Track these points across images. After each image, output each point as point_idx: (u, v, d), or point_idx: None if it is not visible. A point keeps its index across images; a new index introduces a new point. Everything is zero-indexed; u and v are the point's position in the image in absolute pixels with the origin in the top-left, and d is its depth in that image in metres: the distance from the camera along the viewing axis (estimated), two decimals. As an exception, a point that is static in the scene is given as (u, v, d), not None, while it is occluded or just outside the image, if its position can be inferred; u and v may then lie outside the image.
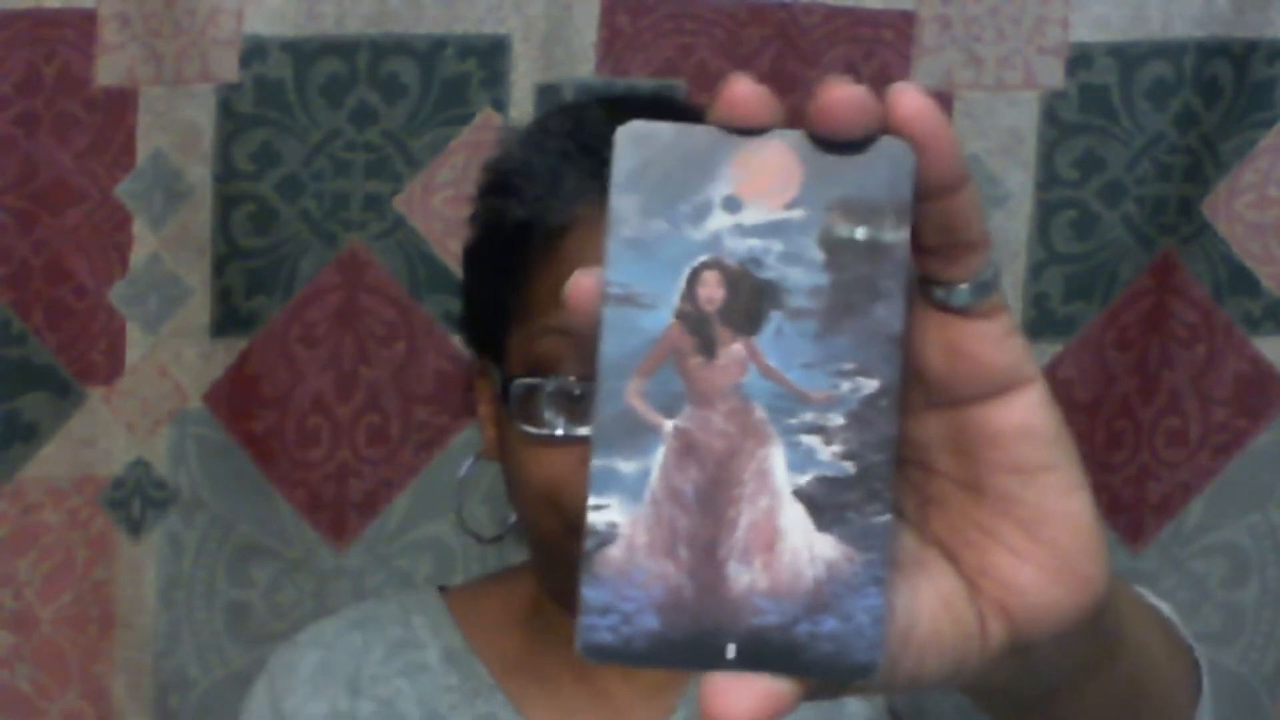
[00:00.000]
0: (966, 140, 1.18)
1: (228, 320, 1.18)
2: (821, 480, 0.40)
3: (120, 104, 1.17)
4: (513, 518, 0.97)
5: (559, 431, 0.88)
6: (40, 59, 1.16)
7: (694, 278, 0.41)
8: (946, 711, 0.84)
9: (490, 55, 1.17)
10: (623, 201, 0.41)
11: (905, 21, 1.18)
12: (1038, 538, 0.44)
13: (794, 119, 0.42)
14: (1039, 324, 1.20)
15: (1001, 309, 0.43)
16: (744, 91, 0.41)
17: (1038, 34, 1.18)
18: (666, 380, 0.41)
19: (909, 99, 0.40)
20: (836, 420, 0.40)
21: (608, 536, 0.40)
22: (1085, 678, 0.52)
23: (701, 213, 0.41)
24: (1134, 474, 1.20)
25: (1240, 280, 1.19)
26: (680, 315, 0.41)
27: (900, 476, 0.45)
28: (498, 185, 0.93)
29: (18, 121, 1.16)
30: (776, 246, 0.41)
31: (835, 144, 0.41)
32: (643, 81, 1.17)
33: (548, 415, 0.88)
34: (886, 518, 0.40)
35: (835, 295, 0.40)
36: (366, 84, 1.17)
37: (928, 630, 0.43)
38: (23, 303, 1.17)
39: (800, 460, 0.40)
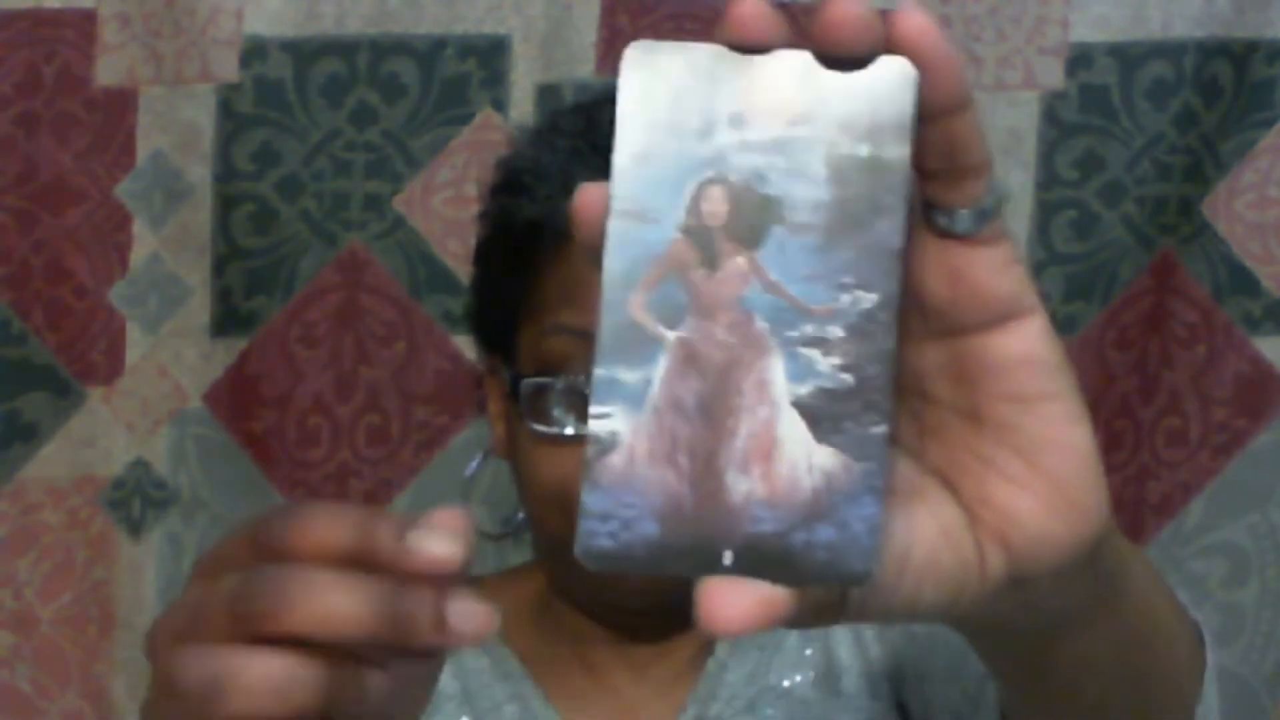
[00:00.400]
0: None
1: (228, 320, 1.18)
2: (820, 391, 0.41)
3: (120, 104, 1.17)
4: (519, 516, 0.97)
5: (569, 430, 0.88)
6: (40, 59, 1.16)
7: (698, 193, 0.41)
8: (954, 699, 0.84)
9: (490, 55, 1.17)
10: (629, 118, 0.42)
11: (905, 21, 1.18)
12: (1037, 466, 0.44)
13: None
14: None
15: (1003, 237, 0.43)
16: (750, 10, 0.41)
17: (1038, 34, 1.18)
18: (670, 293, 0.41)
19: (912, 19, 0.41)
20: (836, 333, 0.41)
21: (609, 444, 0.41)
22: (1085, 622, 0.52)
23: (707, 129, 0.41)
24: (1134, 474, 1.20)
25: (1240, 280, 1.19)
26: (684, 229, 0.41)
27: (900, 405, 0.46)
28: (509, 183, 0.93)
29: (18, 121, 1.16)
30: (780, 163, 0.41)
31: (839, 63, 0.41)
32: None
33: (557, 414, 0.88)
34: (884, 429, 0.41)
35: (837, 211, 0.41)
36: (366, 84, 1.17)
37: (925, 557, 0.43)
38: (23, 303, 1.17)
39: (800, 371, 0.41)
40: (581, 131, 0.91)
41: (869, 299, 0.41)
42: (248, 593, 0.46)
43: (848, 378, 0.41)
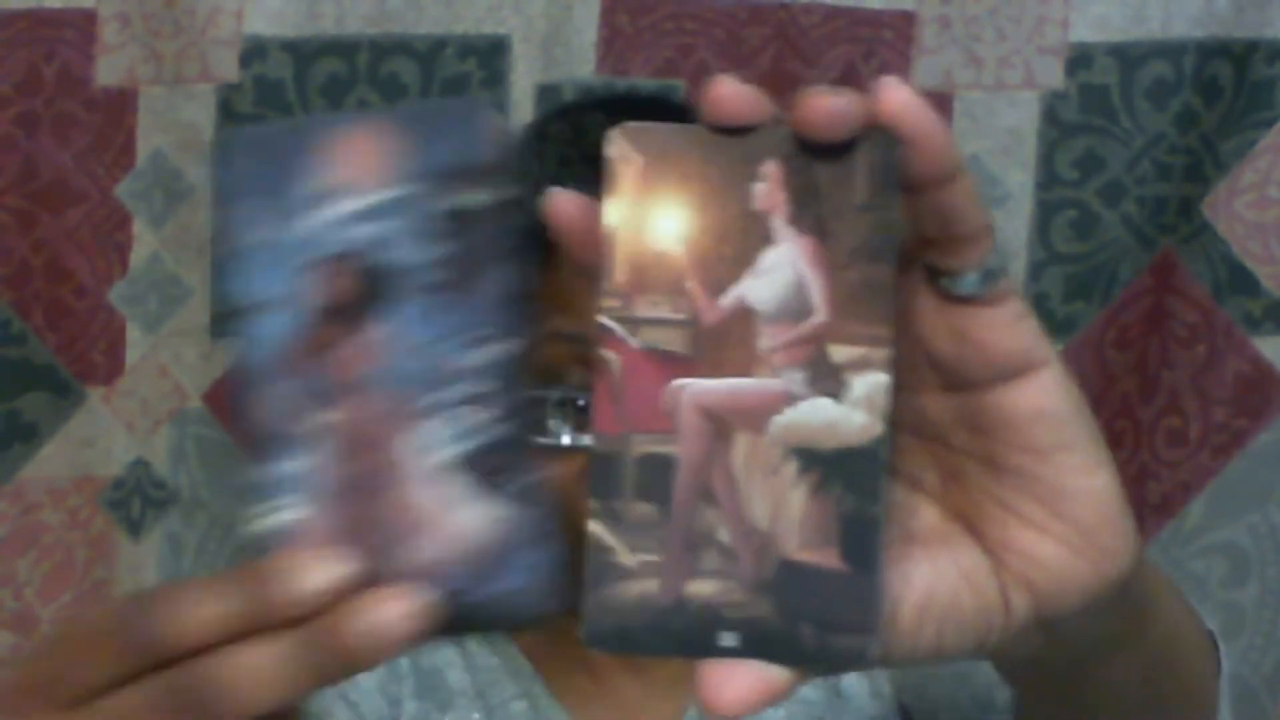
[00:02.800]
0: (966, 140, 1.18)
1: (228, 320, 1.18)
2: (475, 448, 0.41)
3: (120, 104, 1.17)
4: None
5: (565, 440, 0.88)
6: (40, 59, 1.16)
7: (313, 273, 0.41)
8: (962, 702, 0.84)
9: (490, 55, 1.17)
10: (230, 213, 0.41)
11: (905, 21, 1.18)
12: (1059, 514, 0.44)
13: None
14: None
15: (1009, 295, 0.43)
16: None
17: (1038, 34, 1.18)
18: (312, 378, 0.41)
19: (895, 94, 0.40)
20: (480, 388, 0.41)
21: (289, 536, 0.41)
22: (1114, 649, 0.52)
23: (305, 208, 0.41)
24: (1134, 474, 1.20)
25: (1240, 280, 1.19)
26: (308, 313, 0.41)
27: (922, 451, 0.46)
28: None
29: (18, 121, 1.16)
30: (388, 227, 0.41)
31: (418, 119, 0.41)
32: (643, 81, 1.17)
33: (553, 424, 0.88)
34: (540, 475, 0.40)
35: (455, 266, 0.41)
36: (366, 84, 1.17)
37: (946, 602, 0.43)
38: (23, 303, 1.17)
39: (451, 432, 0.41)
40: (569, 139, 0.91)
41: (505, 348, 0.40)
42: (174, 702, 0.41)
43: (498, 430, 0.40)
